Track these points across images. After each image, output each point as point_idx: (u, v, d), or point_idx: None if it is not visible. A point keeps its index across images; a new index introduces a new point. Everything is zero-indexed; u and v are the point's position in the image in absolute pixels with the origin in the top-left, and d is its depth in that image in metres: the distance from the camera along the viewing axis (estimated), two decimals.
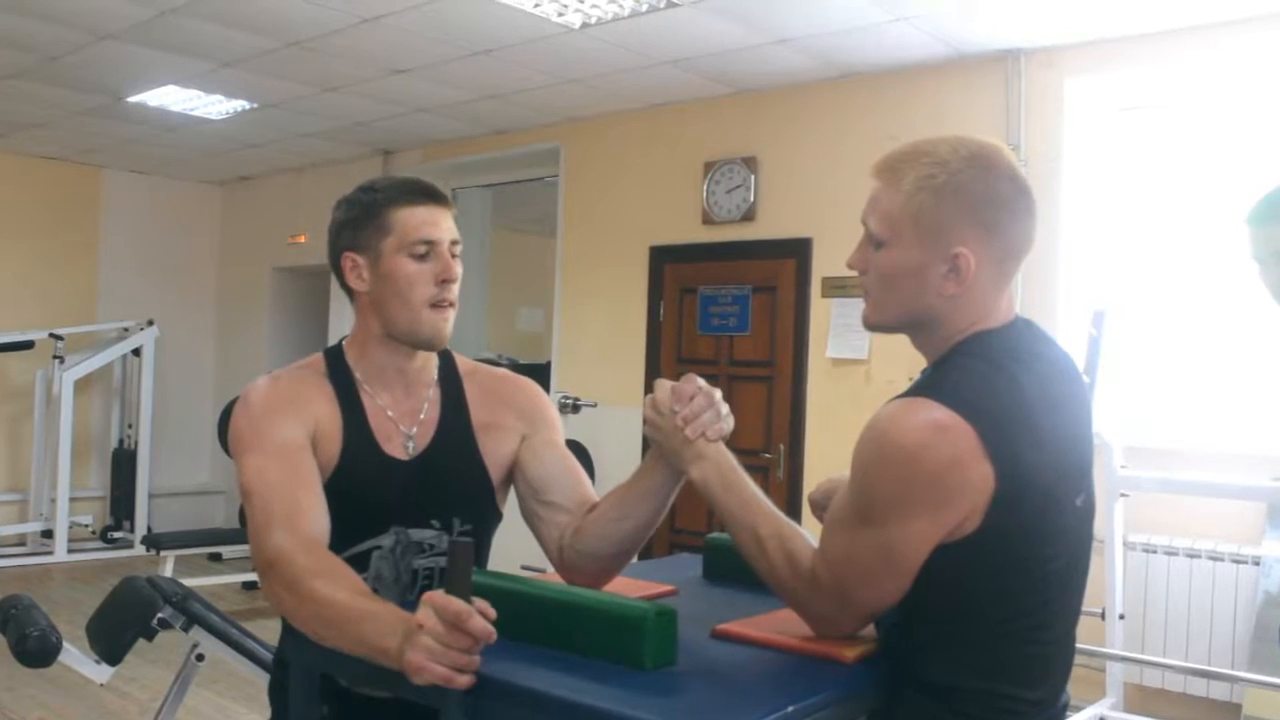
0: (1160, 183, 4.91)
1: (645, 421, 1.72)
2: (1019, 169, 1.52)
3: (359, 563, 1.78)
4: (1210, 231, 4.75)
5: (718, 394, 1.69)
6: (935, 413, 1.38)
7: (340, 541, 1.74)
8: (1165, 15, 4.47)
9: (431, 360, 1.93)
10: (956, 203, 1.47)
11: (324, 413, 1.81)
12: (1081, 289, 4.93)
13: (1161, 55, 4.67)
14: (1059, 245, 4.92)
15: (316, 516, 1.69)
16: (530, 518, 1.92)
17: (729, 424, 1.67)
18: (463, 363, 2.01)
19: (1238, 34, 4.45)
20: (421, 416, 1.89)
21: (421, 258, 1.80)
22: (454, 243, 1.84)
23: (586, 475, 1.96)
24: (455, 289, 1.84)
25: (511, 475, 1.96)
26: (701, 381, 1.68)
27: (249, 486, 1.70)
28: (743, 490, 1.62)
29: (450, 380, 1.95)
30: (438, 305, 1.82)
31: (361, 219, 1.82)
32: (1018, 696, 1.45)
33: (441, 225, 1.83)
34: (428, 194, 1.83)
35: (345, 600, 1.49)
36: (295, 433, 1.76)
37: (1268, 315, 4.58)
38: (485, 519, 1.93)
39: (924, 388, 1.45)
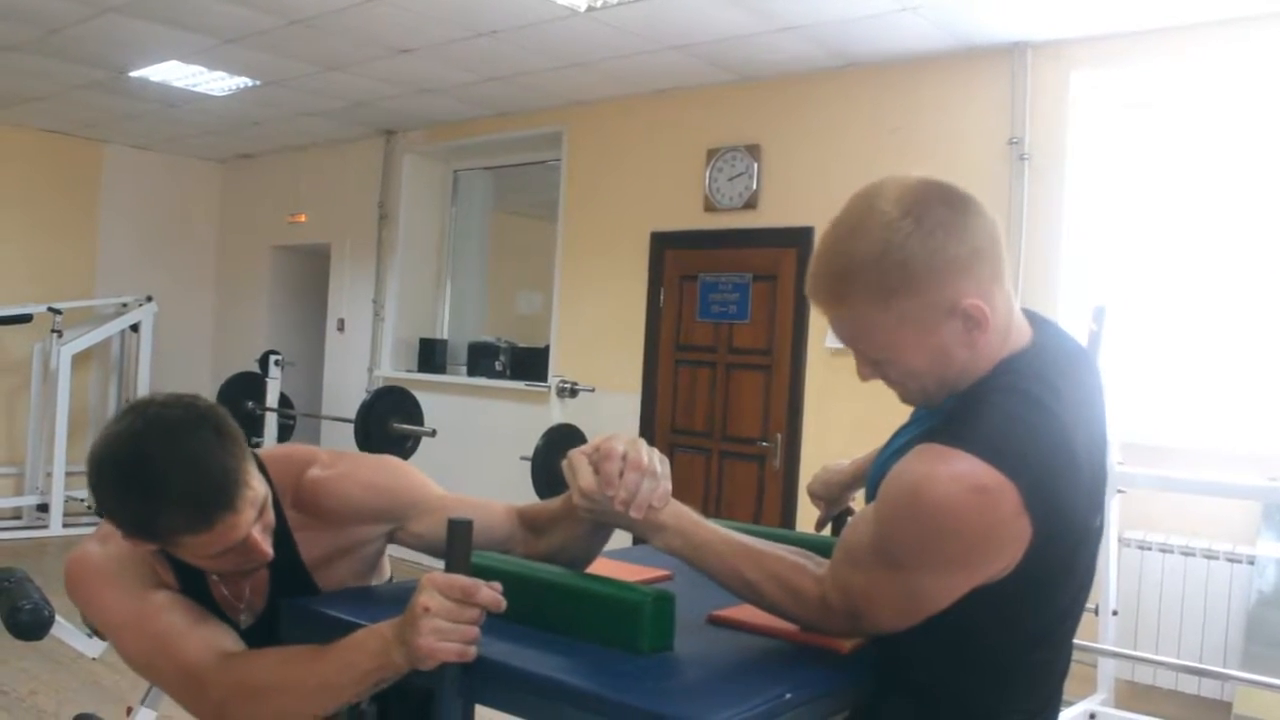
0: (1163, 180, 4.90)
1: (580, 509, 1.52)
2: (941, 182, 1.40)
3: None
4: (1212, 230, 4.74)
5: (643, 450, 1.48)
6: (974, 468, 1.27)
7: None
8: (1173, 11, 4.44)
9: None
10: (931, 273, 1.35)
11: (166, 579, 1.63)
12: (1082, 284, 4.92)
13: (1168, 52, 4.65)
14: (1061, 240, 4.92)
15: (224, 637, 1.57)
16: None
17: (667, 478, 1.49)
18: (281, 479, 1.67)
19: (1245, 32, 4.43)
20: (252, 578, 1.68)
21: (220, 555, 1.52)
22: (256, 518, 1.52)
23: (483, 500, 1.76)
24: (264, 558, 1.56)
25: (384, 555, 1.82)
26: (620, 448, 1.47)
27: (144, 661, 1.57)
28: (713, 544, 1.50)
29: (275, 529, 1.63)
30: (243, 568, 1.59)
31: (140, 536, 1.51)
32: (1020, 708, 1.45)
33: (239, 527, 1.48)
34: (219, 507, 1.46)
35: (339, 655, 1.42)
36: (150, 585, 1.61)
37: (1267, 315, 4.58)
38: None
39: (953, 429, 1.34)
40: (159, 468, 1.43)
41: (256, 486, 1.52)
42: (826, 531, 2.08)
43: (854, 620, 1.42)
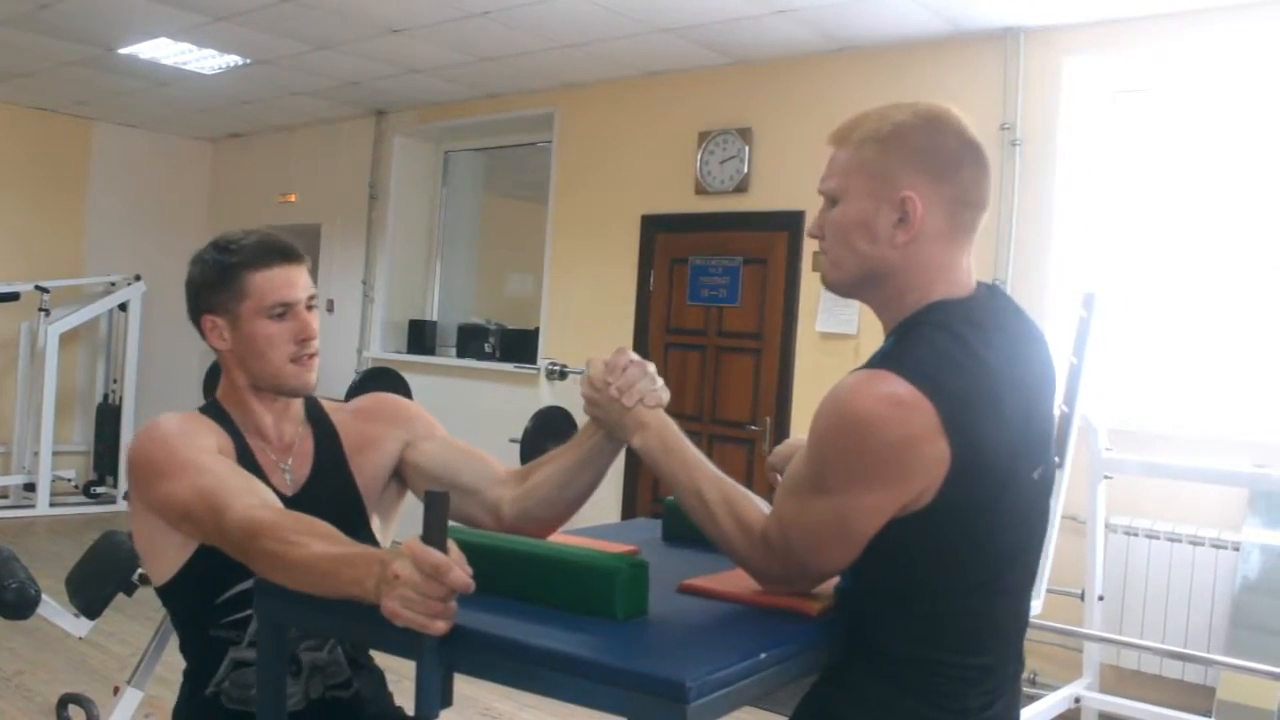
0: (1155, 166, 4.90)
1: (584, 399, 1.74)
2: (968, 129, 1.52)
3: (243, 602, 1.80)
4: (1202, 217, 4.75)
5: (651, 365, 1.72)
6: (895, 386, 1.36)
7: (223, 581, 1.80)
8: None
9: (298, 400, 2.01)
10: (901, 151, 1.49)
11: (223, 444, 1.87)
12: (1072, 270, 4.92)
13: (1160, 38, 4.65)
14: (1051, 225, 4.92)
15: (272, 495, 1.72)
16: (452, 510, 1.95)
17: (665, 393, 1.72)
18: (327, 403, 2.10)
19: (1237, 19, 4.43)
20: (296, 448, 1.98)
21: (279, 318, 1.87)
22: (310, 298, 1.92)
23: (483, 452, 2.02)
24: (315, 343, 1.93)
25: (393, 488, 2.06)
26: (633, 354, 1.72)
27: (188, 501, 1.70)
28: (684, 454, 1.65)
29: (317, 413, 2.05)
30: (298, 360, 1.91)
31: (218, 283, 1.87)
32: (961, 663, 1.47)
33: (297, 284, 1.89)
34: (282, 254, 1.89)
35: (338, 551, 1.50)
36: (215, 447, 1.82)
37: (1256, 303, 4.59)
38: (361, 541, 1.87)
39: (886, 359, 1.42)
40: (243, 237, 1.89)
41: (311, 280, 1.93)
42: None
43: (789, 558, 1.48)
